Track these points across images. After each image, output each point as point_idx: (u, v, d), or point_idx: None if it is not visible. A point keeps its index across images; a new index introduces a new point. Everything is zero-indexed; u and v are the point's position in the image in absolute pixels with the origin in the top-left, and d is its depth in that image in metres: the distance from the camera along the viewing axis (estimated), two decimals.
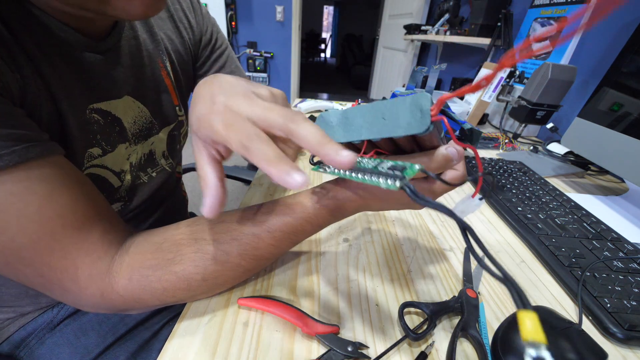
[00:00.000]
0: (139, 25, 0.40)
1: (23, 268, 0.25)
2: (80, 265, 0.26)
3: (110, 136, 0.37)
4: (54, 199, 0.25)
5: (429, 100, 0.21)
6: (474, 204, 0.28)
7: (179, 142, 0.51)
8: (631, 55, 0.54)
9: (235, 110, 0.22)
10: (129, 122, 0.39)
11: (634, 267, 0.37)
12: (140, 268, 0.27)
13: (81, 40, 0.31)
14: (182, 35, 0.46)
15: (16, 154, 0.22)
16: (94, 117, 0.34)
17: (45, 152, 0.25)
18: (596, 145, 0.57)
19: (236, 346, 0.27)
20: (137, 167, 0.43)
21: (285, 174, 0.19)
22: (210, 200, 0.24)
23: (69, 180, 0.26)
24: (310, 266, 0.37)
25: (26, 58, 0.26)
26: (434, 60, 2.34)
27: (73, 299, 0.27)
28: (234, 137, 0.21)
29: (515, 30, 1.23)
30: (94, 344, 0.41)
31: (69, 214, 0.25)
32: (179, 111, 0.48)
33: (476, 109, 0.94)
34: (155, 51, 0.42)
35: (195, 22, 0.48)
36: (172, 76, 0.45)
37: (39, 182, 0.24)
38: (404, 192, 0.20)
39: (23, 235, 0.24)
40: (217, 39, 0.53)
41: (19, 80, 0.26)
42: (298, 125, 0.21)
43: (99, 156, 0.36)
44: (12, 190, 0.23)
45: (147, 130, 0.43)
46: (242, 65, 2.94)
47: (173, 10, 0.45)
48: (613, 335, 0.30)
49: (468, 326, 0.29)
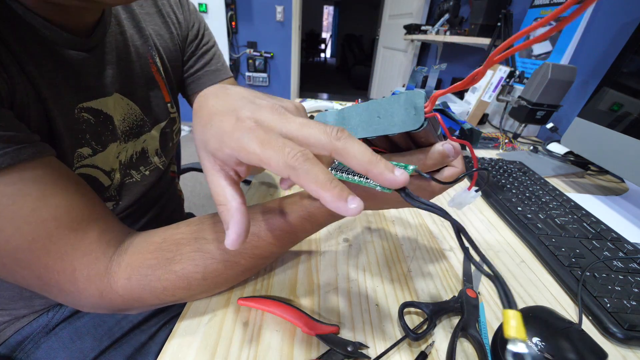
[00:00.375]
0: (125, 20, 0.39)
1: (20, 270, 0.25)
2: (78, 266, 0.26)
3: (102, 135, 0.36)
4: (48, 201, 0.24)
5: (422, 97, 0.22)
6: (470, 196, 0.29)
7: (171, 140, 0.50)
8: (631, 55, 0.54)
9: (268, 126, 0.20)
10: (118, 119, 0.39)
11: (634, 267, 0.37)
12: (140, 267, 0.27)
13: (65, 38, 0.31)
14: (171, 31, 0.46)
15: (8, 155, 0.22)
16: (84, 117, 0.34)
17: (37, 154, 0.24)
18: (596, 145, 0.57)
19: (236, 346, 0.27)
20: (126, 165, 0.42)
21: (340, 200, 0.17)
22: (236, 229, 0.21)
23: (62, 181, 0.26)
24: (310, 266, 0.37)
25: (12, 58, 0.26)
26: (434, 60, 2.34)
27: (72, 300, 0.27)
28: (274, 157, 0.18)
29: (515, 30, 1.23)
30: (90, 347, 0.41)
31: (64, 215, 0.25)
32: (170, 108, 0.47)
33: (476, 109, 0.94)
34: (143, 47, 0.41)
35: (183, 17, 0.48)
36: (162, 72, 0.44)
37: (32, 184, 0.24)
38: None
39: (18, 237, 0.23)
40: (204, 36, 0.52)
41: (7, 80, 0.25)
42: (345, 143, 0.19)
43: (89, 156, 0.35)
44: (5, 192, 0.23)
45: (138, 128, 0.42)
46: (242, 65, 2.94)
47: (161, 5, 0.45)
48: (613, 335, 0.30)
49: (468, 326, 0.29)
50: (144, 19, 0.42)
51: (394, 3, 2.84)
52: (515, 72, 0.94)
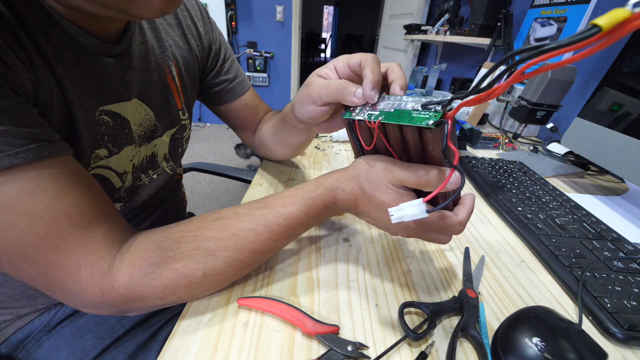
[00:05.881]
0: (147, 31, 0.41)
1: (26, 266, 0.25)
2: (83, 264, 0.26)
3: (118, 138, 0.37)
4: (62, 198, 0.25)
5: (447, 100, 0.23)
6: (419, 210, 0.24)
7: (181, 146, 0.52)
8: (631, 55, 0.54)
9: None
10: (135, 124, 0.40)
11: (634, 267, 0.37)
12: (141, 266, 0.28)
13: (96, 44, 0.32)
14: (190, 43, 0.48)
15: (31, 152, 0.23)
16: (103, 119, 0.35)
17: (57, 152, 0.25)
18: (596, 145, 0.57)
19: (236, 346, 0.27)
20: (138, 169, 0.43)
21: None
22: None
23: (77, 180, 0.27)
24: (310, 266, 0.37)
25: (41, 59, 0.27)
26: (434, 60, 2.34)
27: (73, 299, 0.27)
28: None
29: (515, 30, 1.23)
30: (92, 345, 0.41)
31: (76, 213, 0.26)
32: (182, 115, 0.49)
33: (476, 109, 0.94)
34: (162, 56, 0.43)
35: (204, 30, 0.50)
36: (177, 81, 0.46)
37: (50, 181, 0.24)
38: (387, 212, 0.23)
39: (30, 232, 0.24)
40: (227, 50, 0.55)
41: (33, 80, 0.26)
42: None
43: (105, 157, 0.36)
44: (24, 187, 0.23)
45: (151, 133, 0.44)
46: (242, 65, 2.95)
47: (181, 18, 0.46)
48: (613, 336, 0.30)
49: (468, 326, 0.29)
50: (165, 29, 0.44)
51: (394, 3, 2.84)
52: None
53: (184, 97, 0.48)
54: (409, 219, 0.24)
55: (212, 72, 0.53)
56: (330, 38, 8.50)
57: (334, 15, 8.29)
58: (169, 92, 0.45)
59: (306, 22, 5.08)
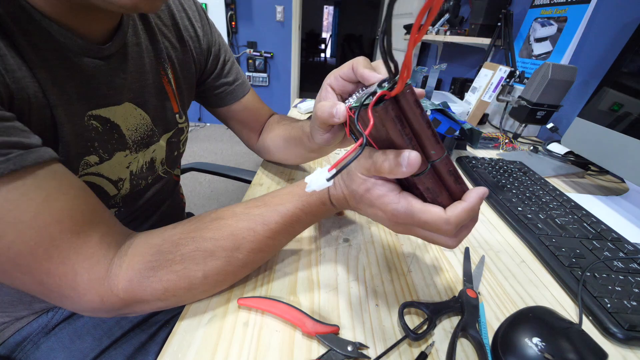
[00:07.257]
0: (142, 32, 0.39)
1: (21, 275, 0.25)
2: (79, 270, 0.26)
3: (108, 143, 0.36)
4: (50, 205, 0.24)
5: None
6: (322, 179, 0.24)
7: (177, 149, 0.51)
8: (631, 55, 0.54)
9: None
10: (129, 129, 0.39)
11: (634, 267, 0.37)
12: (141, 270, 0.27)
13: (81, 45, 0.30)
14: (187, 44, 0.46)
15: (11, 161, 0.22)
16: (93, 124, 0.34)
17: (40, 158, 0.24)
18: (596, 145, 0.57)
19: (236, 346, 0.27)
20: (137, 176, 0.42)
21: None
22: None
23: (65, 186, 0.26)
24: (310, 266, 0.37)
25: (20, 63, 0.26)
26: (434, 60, 2.34)
27: (72, 305, 0.27)
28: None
29: (515, 30, 1.23)
30: (90, 347, 0.41)
31: (67, 219, 0.25)
32: (179, 118, 0.48)
33: (476, 109, 0.95)
34: (157, 58, 0.42)
35: (203, 32, 0.48)
36: (172, 83, 0.45)
37: (35, 189, 0.24)
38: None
39: (20, 242, 0.23)
40: (227, 52, 0.54)
41: (9, 85, 0.25)
42: None
43: (95, 164, 0.35)
44: (8, 197, 0.22)
45: (149, 138, 0.43)
46: (242, 65, 2.95)
47: (178, 19, 0.45)
48: (613, 336, 0.30)
49: (468, 326, 0.29)
50: (160, 31, 0.42)
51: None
52: (515, 72, 0.94)
53: (180, 100, 0.47)
54: (319, 188, 0.24)
55: (212, 75, 0.52)
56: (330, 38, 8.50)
57: (334, 15, 8.29)
58: (165, 96, 0.44)
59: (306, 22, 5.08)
